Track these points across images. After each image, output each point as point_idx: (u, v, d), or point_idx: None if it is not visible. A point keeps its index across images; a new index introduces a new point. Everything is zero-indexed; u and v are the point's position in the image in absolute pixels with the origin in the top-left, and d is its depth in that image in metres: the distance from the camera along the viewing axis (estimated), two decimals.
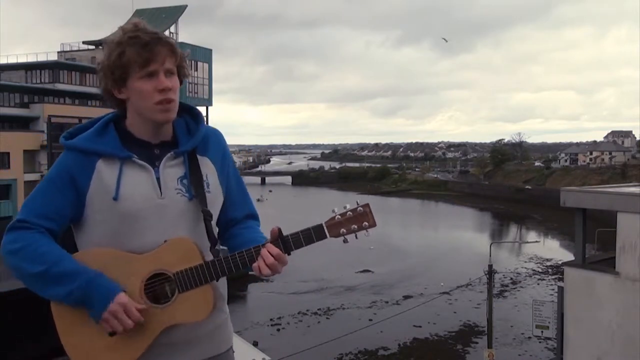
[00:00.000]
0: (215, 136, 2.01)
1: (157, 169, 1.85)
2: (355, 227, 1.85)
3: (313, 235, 1.83)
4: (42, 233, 1.78)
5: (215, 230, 1.95)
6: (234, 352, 2.09)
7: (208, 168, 1.93)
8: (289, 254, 1.85)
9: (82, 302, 1.74)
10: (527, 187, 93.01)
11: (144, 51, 1.76)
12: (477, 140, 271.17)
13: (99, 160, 1.81)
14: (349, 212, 1.85)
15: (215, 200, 1.93)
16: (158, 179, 1.84)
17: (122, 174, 1.80)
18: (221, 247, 1.96)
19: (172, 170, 1.86)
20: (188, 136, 1.92)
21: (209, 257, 1.85)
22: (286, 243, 1.83)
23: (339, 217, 1.84)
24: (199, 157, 1.91)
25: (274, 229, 1.83)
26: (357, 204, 1.87)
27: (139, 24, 1.81)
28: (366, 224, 1.85)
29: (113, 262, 1.79)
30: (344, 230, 1.84)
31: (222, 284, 1.98)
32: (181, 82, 1.89)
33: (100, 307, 1.73)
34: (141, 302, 1.78)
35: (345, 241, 1.85)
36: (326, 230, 1.83)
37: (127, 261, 1.80)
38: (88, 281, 1.73)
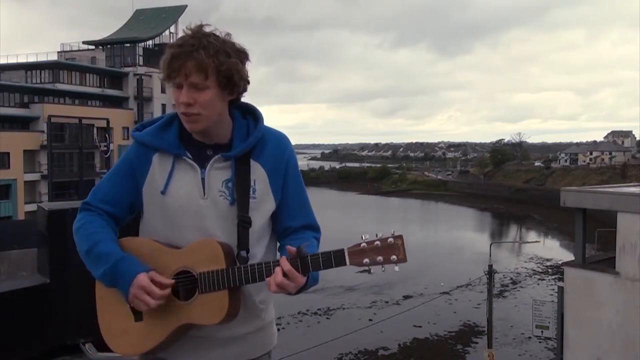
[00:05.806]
0: (276, 141, 1.97)
1: (204, 169, 1.88)
2: (381, 259, 1.72)
3: (333, 260, 1.73)
4: (100, 215, 1.92)
5: (261, 237, 1.94)
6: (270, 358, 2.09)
7: (258, 174, 1.91)
8: (304, 275, 1.75)
9: (113, 284, 1.84)
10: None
11: (168, 65, 1.79)
12: (477, 140, 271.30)
13: (155, 154, 1.91)
14: (377, 242, 1.72)
15: (260, 207, 1.90)
16: (203, 179, 1.87)
17: (173, 170, 1.88)
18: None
19: (218, 173, 1.88)
20: (243, 140, 1.91)
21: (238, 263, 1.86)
22: (304, 263, 1.73)
23: (365, 245, 1.72)
24: (251, 161, 1.90)
25: (290, 248, 1.76)
26: (392, 234, 1.73)
27: (188, 32, 1.80)
28: (395, 257, 1.71)
29: (150, 253, 1.87)
30: (367, 260, 1.72)
31: (259, 291, 1.93)
32: (234, 94, 1.86)
33: (125, 290, 1.81)
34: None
35: (369, 272, 1.75)
36: (347, 257, 1.72)
37: (163, 254, 1.87)
38: (113, 264, 1.82)
